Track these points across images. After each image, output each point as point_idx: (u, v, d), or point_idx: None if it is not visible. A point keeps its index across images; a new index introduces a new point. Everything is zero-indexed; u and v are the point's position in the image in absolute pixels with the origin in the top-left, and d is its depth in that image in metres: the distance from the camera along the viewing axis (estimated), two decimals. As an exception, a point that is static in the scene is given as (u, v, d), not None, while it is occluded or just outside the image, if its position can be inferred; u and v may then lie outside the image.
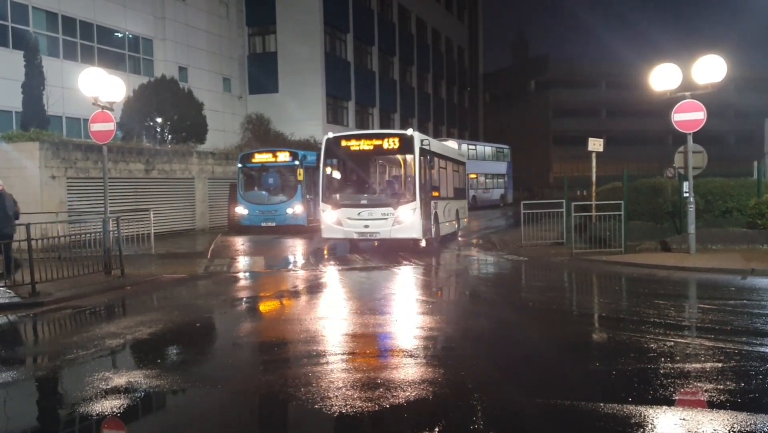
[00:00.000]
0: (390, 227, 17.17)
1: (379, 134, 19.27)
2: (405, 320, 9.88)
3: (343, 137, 18.37)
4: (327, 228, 17.94)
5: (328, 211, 17.80)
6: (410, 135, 17.57)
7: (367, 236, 17.60)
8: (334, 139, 18.21)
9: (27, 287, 11.88)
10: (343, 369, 7.37)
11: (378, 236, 17.51)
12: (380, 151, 18.36)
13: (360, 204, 17.81)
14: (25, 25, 27.02)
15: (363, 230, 17.42)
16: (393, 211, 17.22)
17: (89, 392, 6.42)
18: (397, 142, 17.78)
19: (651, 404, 5.73)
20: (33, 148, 19.82)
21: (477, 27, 73.18)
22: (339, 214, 17.61)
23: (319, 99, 41.26)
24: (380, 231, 17.31)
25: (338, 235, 17.89)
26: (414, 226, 17.13)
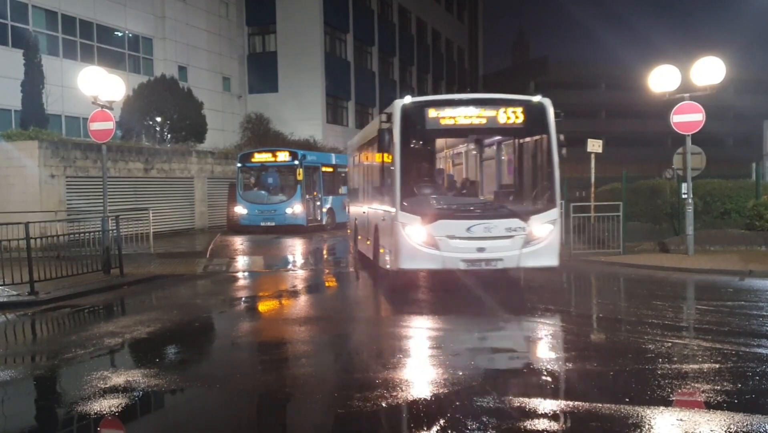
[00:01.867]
0: (518, 249, 11.04)
1: (490, 100, 11.70)
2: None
3: (434, 103, 11.57)
4: (409, 254, 11.05)
5: (413, 225, 10.98)
6: (538, 102, 11.48)
7: (482, 264, 11.15)
8: (415, 106, 11.31)
9: (26, 286, 11.87)
10: (342, 369, 7.37)
11: (500, 264, 11.20)
12: (491, 126, 11.70)
13: (472, 214, 11.30)
14: (25, 24, 27.01)
15: (476, 255, 11.02)
16: (523, 224, 11.08)
17: (87, 391, 6.42)
18: (519, 112, 11.34)
19: (648, 404, 5.74)
20: (32, 147, 19.81)
21: (477, 28, 73.18)
22: (434, 230, 10.92)
23: (318, 99, 41.25)
24: (503, 256, 11.08)
25: (429, 264, 11.17)
26: (556, 247, 11.45)
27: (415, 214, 11.06)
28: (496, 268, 11.38)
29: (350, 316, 10.74)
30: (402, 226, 11.06)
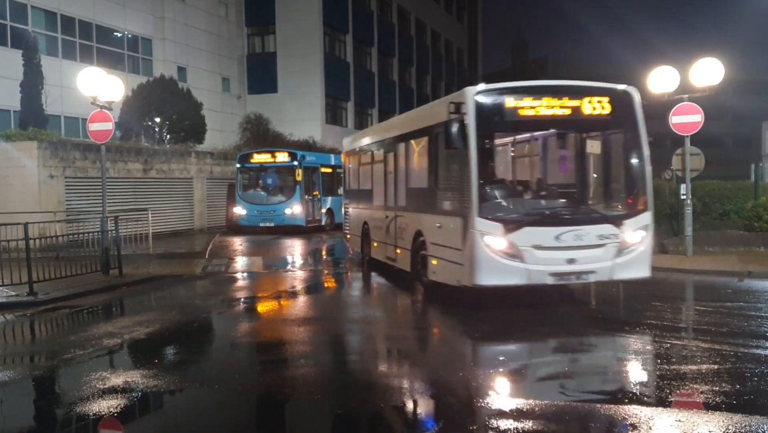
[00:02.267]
0: (611, 259, 9.79)
1: (574, 88, 10.29)
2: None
3: (512, 91, 9.95)
4: (489, 267, 9.53)
5: (493, 234, 9.50)
6: (625, 90, 10.28)
7: (572, 278, 9.93)
8: (491, 94, 9.85)
9: (25, 287, 11.86)
10: (340, 370, 7.38)
11: (591, 277, 9.92)
12: (575, 118, 10.16)
13: (560, 220, 9.94)
14: (24, 25, 27.01)
15: (565, 268, 9.68)
16: (615, 231, 9.83)
17: (86, 392, 6.42)
18: (606, 103, 10.03)
19: (647, 405, 5.75)
20: (31, 148, 19.81)
21: (476, 28, 73.13)
22: (519, 239, 9.51)
23: (318, 99, 41.26)
24: (596, 268, 9.78)
25: (512, 279, 9.59)
26: (648, 256, 10.18)
27: (495, 221, 9.53)
28: (587, 282, 10.21)
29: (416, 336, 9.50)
30: (480, 235, 9.43)
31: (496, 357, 7.85)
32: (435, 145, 10.92)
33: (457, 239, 9.92)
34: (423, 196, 11.65)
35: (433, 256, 10.99)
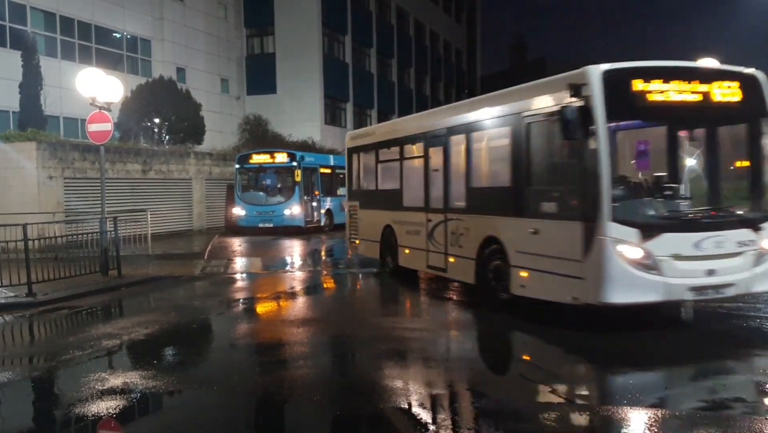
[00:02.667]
0: (749, 269, 8.64)
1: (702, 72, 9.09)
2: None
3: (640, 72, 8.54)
4: (622, 281, 8.08)
5: (628, 243, 8.12)
6: (751, 74, 9.04)
7: (709, 292, 8.50)
8: (618, 75, 8.42)
9: (23, 288, 11.85)
10: (337, 370, 7.37)
11: (730, 290, 8.62)
12: (705, 105, 8.77)
13: (699, 224, 8.63)
14: (23, 25, 26.99)
15: (705, 280, 8.37)
16: (753, 236, 8.70)
17: (85, 393, 6.42)
18: (735, 88, 8.82)
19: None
20: (30, 149, 19.80)
21: (475, 29, 73.15)
22: (656, 247, 8.18)
23: (317, 100, 41.25)
24: (735, 280, 8.55)
25: (649, 295, 8.15)
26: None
27: (631, 227, 8.07)
28: (725, 296, 8.72)
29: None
30: (612, 243, 7.95)
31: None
32: (525, 136, 9.37)
33: (572, 247, 8.39)
34: (501, 197, 10.03)
35: (521, 267, 9.34)
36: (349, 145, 16.51)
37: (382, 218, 14.25)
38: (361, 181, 15.91)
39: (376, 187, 14.94)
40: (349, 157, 16.51)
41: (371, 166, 15.34)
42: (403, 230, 13.30)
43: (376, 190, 14.92)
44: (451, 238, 11.43)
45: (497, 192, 10.26)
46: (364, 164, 15.77)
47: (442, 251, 11.71)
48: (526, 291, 9.29)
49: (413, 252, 12.92)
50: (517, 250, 9.45)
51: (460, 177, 11.31)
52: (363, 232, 15.42)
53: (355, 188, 16.20)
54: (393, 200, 13.81)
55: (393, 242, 13.75)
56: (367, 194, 15.43)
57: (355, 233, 15.94)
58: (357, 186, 16.09)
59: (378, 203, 14.69)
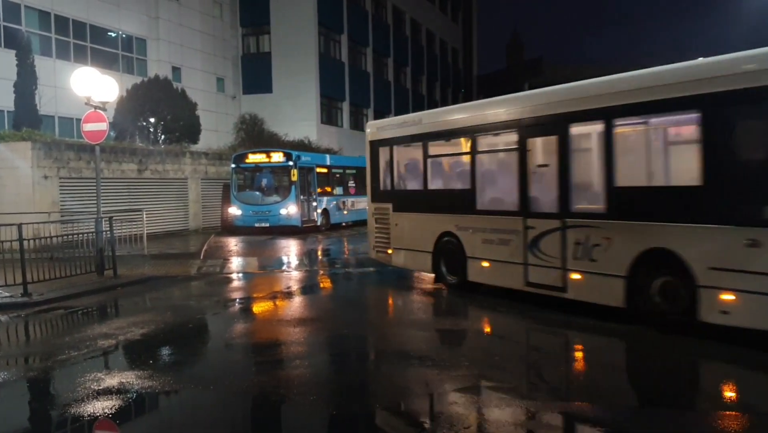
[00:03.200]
0: None
1: None
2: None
3: None
4: None
5: None
6: None
7: None
8: None
9: (19, 288, 11.82)
10: (336, 370, 7.36)
11: None
12: None
13: None
14: (18, 24, 26.89)
15: None
16: None
17: (81, 393, 6.40)
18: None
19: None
20: (25, 148, 19.75)
21: (471, 29, 73.21)
22: None
23: (313, 99, 41.22)
24: None
25: None
26: None
27: None
28: None
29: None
30: None
31: None
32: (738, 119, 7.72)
33: None
34: (682, 199, 8.18)
35: (720, 288, 7.62)
36: (374, 137, 14.15)
37: (438, 224, 12.05)
38: (395, 179, 13.58)
39: (424, 186, 12.58)
40: (373, 151, 14.07)
41: (415, 162, 13.14)
42: (477, 238, 11.13)
43: (424, 191, 12.59)
44: (575, 250, 9.46)
45: (674, 193, 8.36)
46: (402, 159, 13.59)
47: (557, 266, 9.71)
48: (731, 318, 7.56)
49: (497, 266, 10.74)
50: (713, 266, 7.68)
51: (594, 174, 9.46)
52: (401, 240, 13.15)
53: (383, 188, 13.86)
54: (456, 202, 11.74)
55: (457, 252, 11.57)
56: (409, 195, 13.25)
57: (385, 241, 13.58)
58: (388, 185, 13.75)
59: (429, 206, 12.44)
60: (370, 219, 14.23)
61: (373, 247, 14.15)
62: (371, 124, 14.92)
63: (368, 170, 14.37)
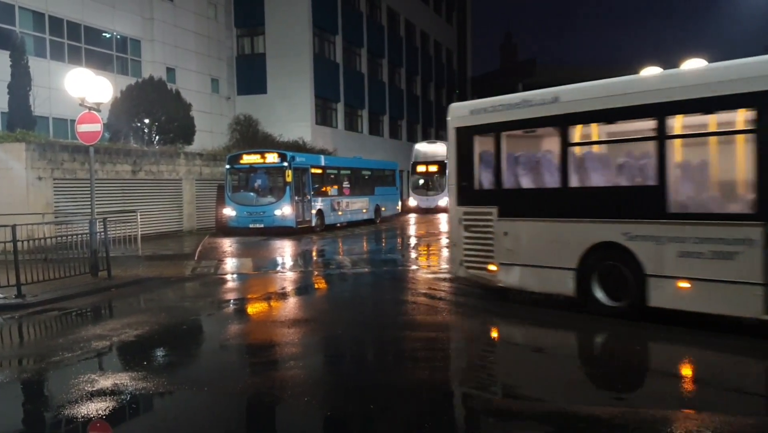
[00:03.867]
0: None
1: None
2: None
3: None
4: None
5: None
6: None
7: None
8: None
9: (13, 289, 11.79)
10: (330, 371, 7.37)
11: None
12: None
13: None
14: (12, 25, 26.82)
15: None
16: None
17: (75, 395, 6.40)
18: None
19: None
20: (19, 149, 19.70)
21: (465, 30, 73.36)
22: None
23: (307, 100, 41.23)
24: None
25: None
26: None
27: None
28: None
29: None
30: None
31: None
32: None
33: None
34: None
35: None
36: (463, 123, 11.44)
37: (586, 233, 9.58)
38: (503, 175, 10.84)
39: (562, 183, 9.99)
40: (462, 141, 11.42)
41: (543, 153, 10.89)
42: (669, 250, 8.69)
43: (561, 190, 10.01)
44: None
45: None
46: (516, 149, 11.07)
47: None
48: None
49: (709, 287, 8.34)
50: None
51: None
52: (514, 253, 10.55)
53: (480, 187, 11.21)
54: (627, 204, 9.31)
55: (624, 269, 9.19)
56: (530, 196, 10.71)
57: (483, 255, 10.97)
58: (489, 183, 11.10)
59: (570, 210, 9.89)
60: (456, 227, 11.45)
61: (459, 262, 11.38)
62: (459, 106, 11.83)
63: (452, 165, 11.61)
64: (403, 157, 44.42)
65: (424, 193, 41.06)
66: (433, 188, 40.85)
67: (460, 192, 11.42)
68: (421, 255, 19.13)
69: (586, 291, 9.54)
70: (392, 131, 54.02)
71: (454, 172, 11.54)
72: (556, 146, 10.13)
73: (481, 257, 10.98)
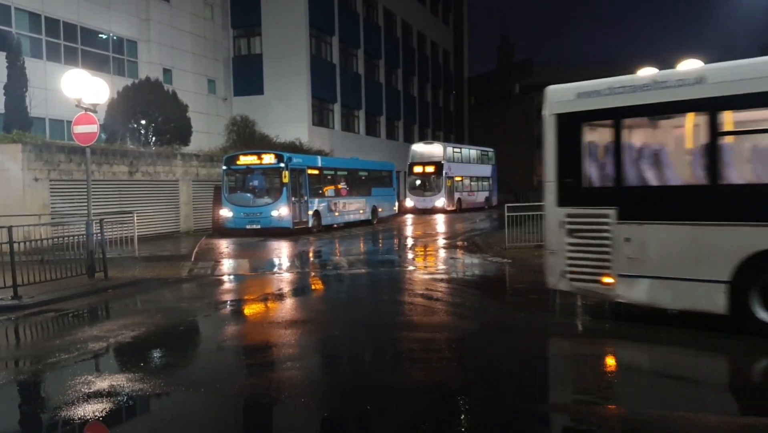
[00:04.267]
0: None
1: None
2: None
3: None
4: None
5: None
6: None
7: None
8: None
9: (9, 291, 11.77)
10: (327, 372, 7.37)
11: None
12: None
13: None
14: (8, 26, 26.77)
15: None
16: None
17: (72, 396, 6.40)
18: None
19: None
20: (16, 150, 19.67)
21: (462, 31, 73.38)
22: None
23: (304, 101, 41.21)
24: None
25: None
26: None
27: None
28: None
29: None
30: None
31: None
32: None
33: None
34: None
35: None
36: (565, 108, 9.67)
37: (748, 240, 7.94)
38: (625, 171, 9.13)
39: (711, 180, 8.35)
40: (564, 129, 9.68)
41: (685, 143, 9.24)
42: None
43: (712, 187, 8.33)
44: None
45: None
46: (644, 140, 9.54)
47: None
48: None
49: None
50: None
51: None
52: (641, 263, 8.83)
53: (591, 185, 9.52)
54: None
55: None
56: (665, 196, 9.02)
57: (597, 265, 9.22)
58: (604, 180, 9.44)
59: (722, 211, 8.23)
60: (554, 231, 9.70)
61: (561, 273, 9.59)
62: (560, 89, 9.89)
63: (550, 158, 9.85)
64: (399, 158, 44.44)
65: (420, 194, 41.13)
66: (430, 189, 40.93)
67: (562, 190, 9.61)
68: (418, 256, 19.15)
69: (742, 308, 7.97)
70: (389, 132, 54.04)
71: (554, 166, 9.74)
72: (701, 135, 8.52)
73: (593, 268, 9.19)
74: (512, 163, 63.76)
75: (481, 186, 47.38)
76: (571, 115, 9.51)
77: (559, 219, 9.55)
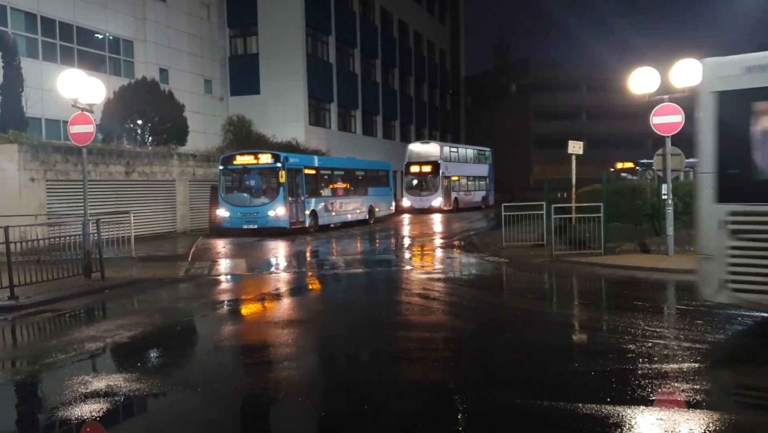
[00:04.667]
0: None
1: None
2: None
3: None
4: None
5: None
6: None
7: None
8: None
9: (5, 291, 11.73)
10: (324, 372, 7.37)
11: None
12: None
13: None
14: (4, 26, 26.71)
15: None
16: None
17: (68, 397, 6.39)
18: None
19: (629, 404, 5.80)
20: (12, 150, 19.62)
21: (459, 30, 73.44)
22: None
23: (301, 101, 41.20)
24: None
25: None
26: None
27: None
28: None
29: None
30: None
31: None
32: None
33: None
34: None
35: None
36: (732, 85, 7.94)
37: None
38: None
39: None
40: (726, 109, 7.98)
41: None
42: None
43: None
44: None
45: None
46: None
47: None
48: None
49: None
50: None
51: None
52: None
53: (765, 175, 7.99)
54: None
55: None
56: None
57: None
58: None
59: None
60: (711, 233, 8.13)
61: (721, 282, 8.02)
62: (722, 62, 8.17)
63: (707, 144, 8.13)
64: (396, 158, 44.44)
65: (417, 194, 41.13)
66: (427, 189, 40.95)
67: (724, 183, 7.92)
68: (415, 256, 19.16)
69: None
70: (386, 132, 54.06)
71: (711, 154, 8.02)
72: None
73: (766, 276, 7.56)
74: (509, 163, 63.87)
75: (478, 185, 47.42)
76: (738, 92, 7.83)
77: (717, 218, 7.94)
